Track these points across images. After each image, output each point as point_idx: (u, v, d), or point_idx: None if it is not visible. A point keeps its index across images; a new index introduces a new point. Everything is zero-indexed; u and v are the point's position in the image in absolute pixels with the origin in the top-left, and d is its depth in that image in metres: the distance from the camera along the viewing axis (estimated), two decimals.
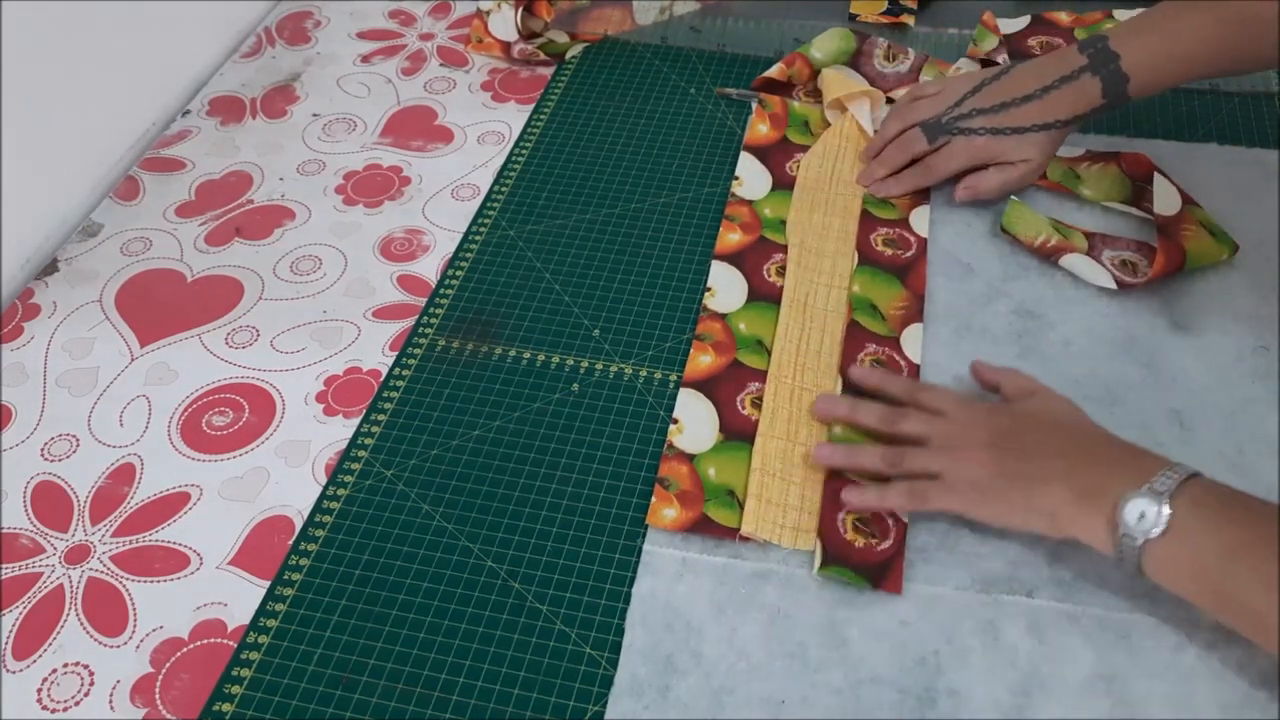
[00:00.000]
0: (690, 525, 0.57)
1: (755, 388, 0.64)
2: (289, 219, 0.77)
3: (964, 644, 0.52)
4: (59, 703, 0.52)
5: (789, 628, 0.53)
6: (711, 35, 0.91)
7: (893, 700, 0.50)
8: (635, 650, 0.53)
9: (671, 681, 0.51)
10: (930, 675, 0.51)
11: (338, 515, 0.59)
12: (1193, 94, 0.82)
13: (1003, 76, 0.72)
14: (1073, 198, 0.74)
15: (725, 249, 0.72)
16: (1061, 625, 0.53)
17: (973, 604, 0.53)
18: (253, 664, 0.53)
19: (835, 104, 0.81)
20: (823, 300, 0.68)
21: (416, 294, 0.71)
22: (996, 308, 0.67)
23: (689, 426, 0.62)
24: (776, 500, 0.58)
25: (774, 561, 0.56)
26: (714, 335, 0.66)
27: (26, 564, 0.58)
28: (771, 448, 0.60)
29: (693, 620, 0.53)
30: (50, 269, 0.74)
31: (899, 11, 0.92)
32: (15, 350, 0.69)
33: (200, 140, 0.85)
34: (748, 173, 0.77)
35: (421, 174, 0.80)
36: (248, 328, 0.70)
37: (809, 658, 0.52)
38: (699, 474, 0.59)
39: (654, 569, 0.56)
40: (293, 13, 0.98)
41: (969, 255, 0.71)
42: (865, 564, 0.55)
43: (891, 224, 0.72)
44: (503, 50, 0.89)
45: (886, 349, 0.65)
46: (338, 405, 0.65)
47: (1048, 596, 0.54)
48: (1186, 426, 0.60)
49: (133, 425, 0.64)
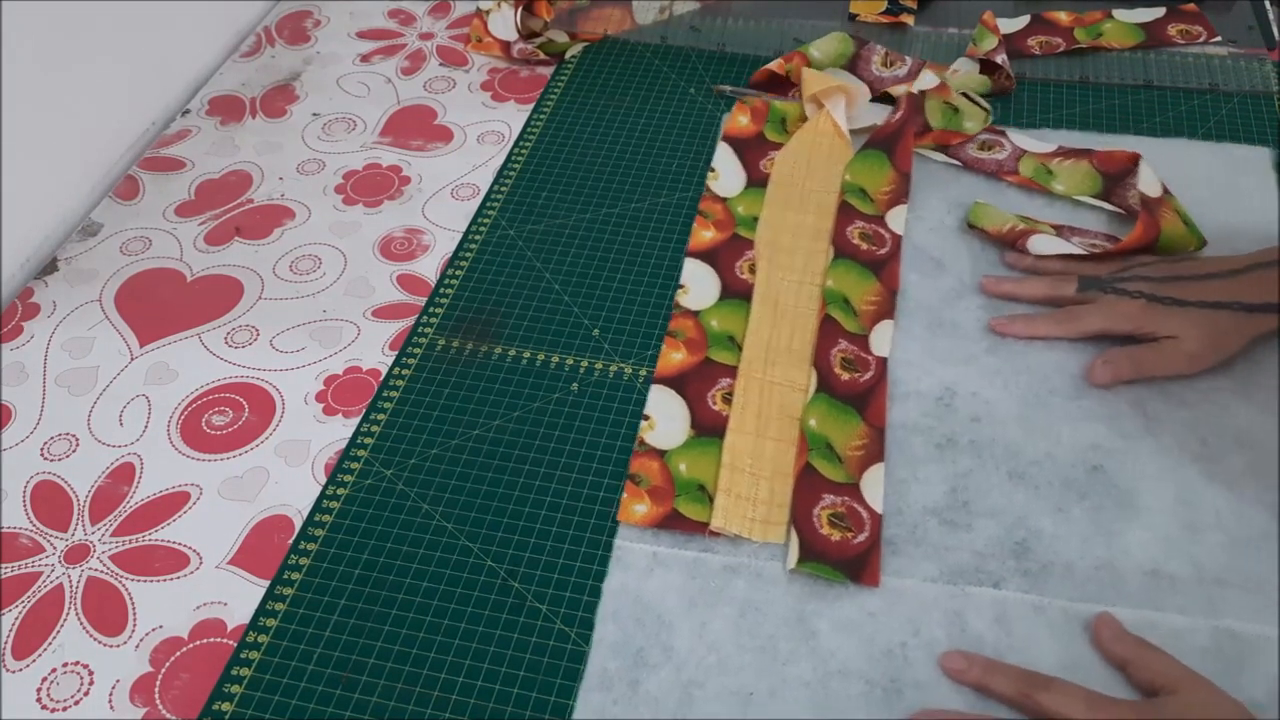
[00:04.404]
0: (661, 520, 0.58)
1: (726, 383, 0.64)
2: (289, 218, 0.77)
3: (931, 635, 0.52)
4: (59, 702, 0.52)
5: (759, 621, 0.53)
6: (711, 35, 0.91)
7: (860, 692, 0.51)
8: (605, 645, 0.53)
9: (641, 675, 0.52)
10: (898, 667, 0.51)
11: (337, 515, 0.59)
12: (1192, 94, 0.82)
13: (1194, 258, 0.64)
14: (1043, 193, 0.74)
15: (699, 246, 0.72)
16: (1028, 616, 0.53)
17: (940, 596, 0.54)
18: (252, 663, 0.53)
19: (812, 100, 0.81)
20: (793, 296, 0.68)
21: (416, 293, 0.71)
22: (967, 303, 0.68)
23: (660, 423, 0.62)
24: (746, 495, 0.58)
25: (744, 555, 0.56)
26: (686, 332, 0.67)
27: (26, 563, 0.58)
28: (741, 443, 0.60)
29: (663, 614, 0.54)
30: (50, 268, 0.74)
31: (899, 11, 0.92)
32: (15, 350, 0.69)
33: (200, 140, 0.85)
34: (723, 166, 0.78)
35: (421, 174, 0.80)
36: (247, 327, 0.70)
37: (778, 650, 0.52)
38: (670, 470, 0.60)
39: (625, 564, 0.56)
40: (292, 12, 0.98)
41: (940, 251, 0.71)
42: (842, 558, 0.55)
43: (869, 219, 0.72)
44: (502, 50, 0.89)
45: (855, 347, 0.65)
46: (337, 405, 0.65)
47: (1014, 588, 0.54)
48: (1151, 417, 0.61)
49: (132, 425, 0.64)
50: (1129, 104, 0.81)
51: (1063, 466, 0.59)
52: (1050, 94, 0.83)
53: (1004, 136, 0.78)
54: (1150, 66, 0.85)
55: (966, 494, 0.58)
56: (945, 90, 0.78)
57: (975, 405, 0.62)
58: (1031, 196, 0.74)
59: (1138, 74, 0.84)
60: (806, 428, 0.60)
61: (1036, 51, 0.86)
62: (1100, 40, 0.87)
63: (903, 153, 0.76)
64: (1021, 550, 0.55)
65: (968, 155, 0.77)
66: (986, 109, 0.78)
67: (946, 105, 0.78)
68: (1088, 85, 0.83)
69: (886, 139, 0.77)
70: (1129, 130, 0.79)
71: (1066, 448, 0.59)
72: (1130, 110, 0.81)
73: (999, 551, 0.55)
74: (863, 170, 0.75)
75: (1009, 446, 0.60)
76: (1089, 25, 0.88)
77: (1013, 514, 0.57)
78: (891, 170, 0.75)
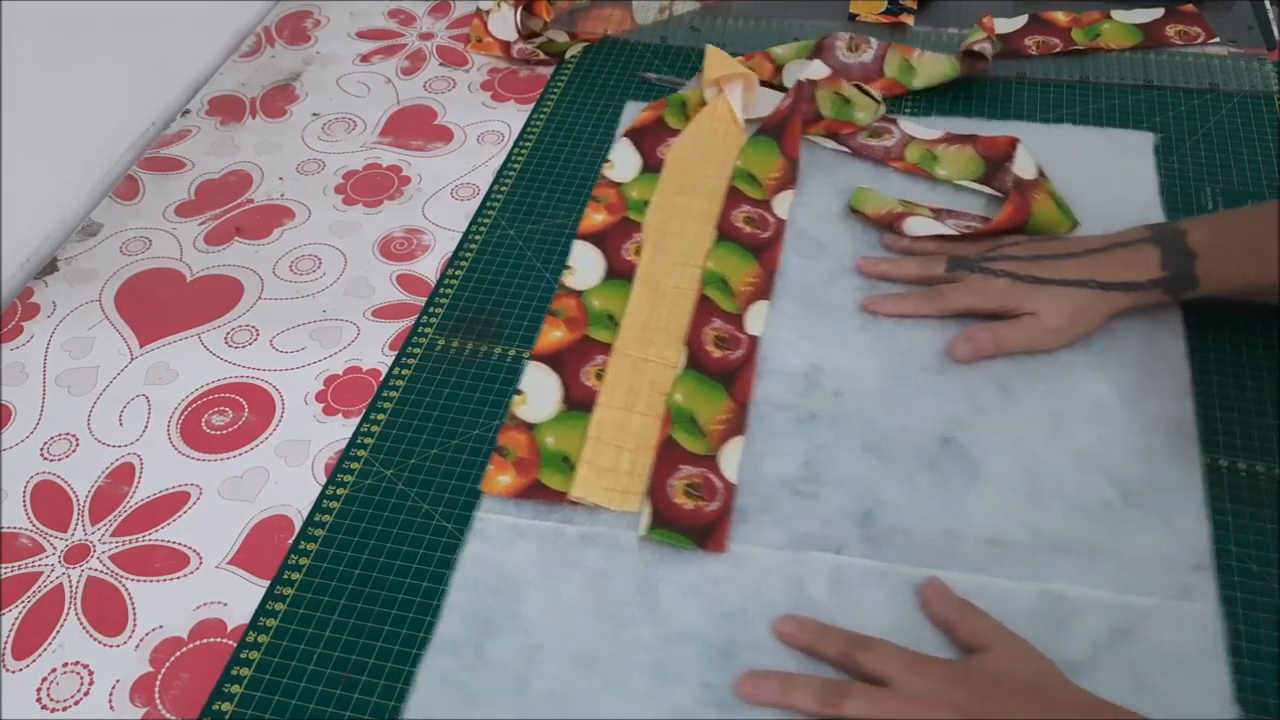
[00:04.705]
0: (523, 491, 0.59)
1: (601, 360, 0.65)
2: (288, 218, 0.77)
3: (770, 599, 0.54)
4: (59, 702, 0.52)
5: (608, 588, 0.55)
6: (711, 35, 0.91)
7: (696, 653, 0.52)
8: (457, 611, 0.54)
9: (488, 641, 0.53)
10: (735, 629, 0.53)
11: (337, 515, 0.59)
12: (1192, 94, 0.82)
13: (1058, 238, 0.67)
14: (927, 178, 0.76)
15: (589, 229, 0.73)
16: (866, 580, 0.54)
17: (784, 562, 0.55)
18: (253, 663, 0.53)
19: (713, 84, 0.81)
20: (676, 278, 0.69)
21: (416, 293, 0.71)
22: (842, 284, 0.69)
23: (532, 397, 0.63)
24: (608, 466, 0.59)
25: (602, 525, 0.57)
26: (567, 311, 0.68)
27: (26, 563, 0.58)
28: (608, 417, 0.62)
29: (516, 582, 0.55)
30: (50, 268, 0.74)
31: (899, 11, 0.92)
32: (15, 350, 0.69)
33: (200, 140, 0.85)
34: (620, 157, 0.79)
35: (421, 173, 0.80)
36: (247, 327, 0.70)
37: (623, 615, 0.54)
38: (537, 442, 0.61)
39: (484, 535, 0.57)
40: (292, 12, 0.98)
41: (823, 234, 0.72)
42: (693, 526, 0.56)
43: (756, 204, 0.74)
44: (502, 50, 0.89)
45: (730, 327, 0.66)
46: (337, 405, 0.65)
47: (855, 554, 0.55)
48: (1008, 392, 0.62)
49: (132, 425, 0.64)
50: (1129, 104, 0.81)
51: (916, 438, 0.60)
52: (1050, 94, 0.83)
53: (894, 124, 0.79)
54: (1150, 66, 0.85)
55: (820, 466, 0.59)
56: (836, 81, 0.80)
57: (839, 381, 0.63)
58: (915, 181, 0.76)
59: (1138, 74, 0.84)
60: (672, 402, 0.62)
61: (1033, 52, 0.86)
62: (1098, 41, 0.87)
63: (791, 139, 0.77)
64: (866, 519, 0.57)
65: (857, 143, 0.79)
66: (878, 100, 0.79)
67: (838, 96, 0.79)
68: (1088, 85, 0.83)
69: (776, 126, 0.78)
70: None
71: (922, 421, 0.61)
72: (1130, 110, 0.81)
73: (844, 520, 0.57)
74: (753, 156, 0.77)
75: (867, 420, 0.61)
76: (1087, 26, 0.88)
77: (862, 484, 0.58)
78: (781, 157, 0.77)
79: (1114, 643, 0.51)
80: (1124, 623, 0.52)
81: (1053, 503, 0.57)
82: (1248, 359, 0.64)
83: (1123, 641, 0.51)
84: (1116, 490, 0.57)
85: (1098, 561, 0.54)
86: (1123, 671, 0.50)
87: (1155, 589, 0.53)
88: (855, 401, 0.62)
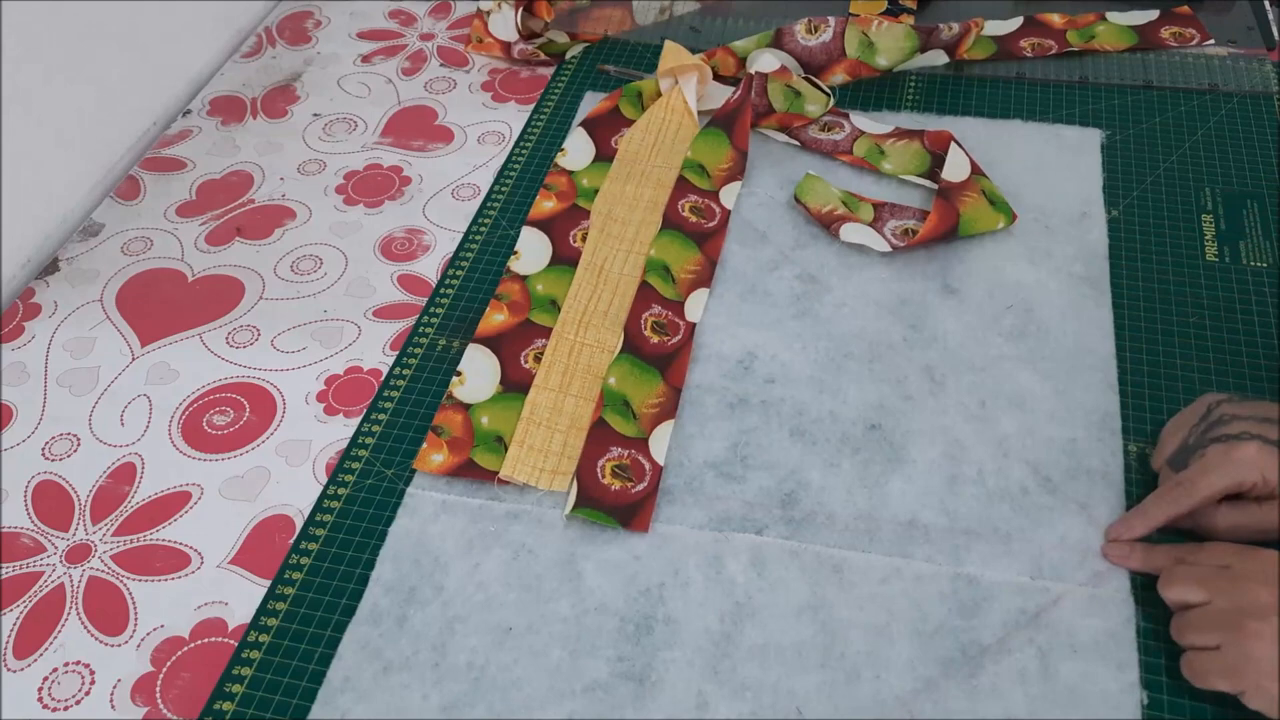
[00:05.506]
0: (455, 469, 0.60)
1: (540, 344, 0.66)
2: (289, 219, 0.77)
3: (688, 576, 0.55)
4: (60, 702, 0.52)
5: (530, 563, 0.56)
6: (711, 35, 0.91)
7: (613, 626, 0.53)
8: (381, 583, 0.55)
9: (410, 611, 0.54)
10: (652, 605, 0.54)
11: (338, 514, 0.59)
12: (1192, 94, 0.82)
13: None
14: (873, 172, 0.76)
15: (538, 215, 0.75)
16: (783, 560, 0.55)
17: (705, 541, 0.56)
18: (253, 663, 0.53)
19: (667, 74, 0.82)
20: (620, 265, 0.70)
21: (417, 294, 0.71)
22: (782, 273, 0.70)
23: (470, 379, 0.64)
24: (539, 446, 0.60)
25: (529, 503, 0.58)
26: (511, 295, 0.69)
27: (27, 563, 0.58)
28: (543, 399, 0.63)
29: (440, 556, 0.56)
30: (51, 268, 0.74)
31: (898, 11, 0.92)
32: (16, 350, 0.69)
33: (201, 140, 0.85)
34: (574, 145, 0.79)
35: (422, 174, 0.81)
36: (248, 327, 0.70)
37: (543, 589, 0.55)
38: (472, 422, 0.62)
39: (413, 510, 0.59)
40: (293, 13, 0.98)
41: (766, 224, 0.73)
42: (618, 506, 0.57)
43: (703, 194, 0.74)
44: (503, 50, 0.89)
45: (670, 313, 0.67)
46: (338, 405, 0.65)
47: (775, 534, 0.57)
48: (937, 381, 0.63)
49: (133, 424, 0.64)
50: (1129, 104, 0.81)
51: (843, 424, 0.61)
52: (1050, 94, 0.83)
53: (846, 119, 0.80)
54: (1150, 67, 0.85)
55: (747, 449, 0.60)
56: (786, 74, 0.80)
57: (773, 368, 0.64)
58: (861, 175, 0.77)
59: (1137, 74, 0.84)
60: (605, 386, 0.62)
61: (1028, 53, 0.86)
62: (1093, 43, 0.87)
63: (741, 132, 0.78)
64: (789, 500, 0.58)
65: (808, 136, 0.79)
66: (828, 93, 0.80)
67: (788, 89, 0.79)
68: (1087, 85, 0.83)
69: (727, 118, 0.79)
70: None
71: (851, 407, 0.62)
72: (1130, 110, 0.81)
73: (767, 501, 0.58)
74: (703, 148, 0.77)
75: (797, 406, 0.62)
76: (1082, 28, 0.88)
77: (787, 467, 0.59)
78: (730, 149, 0.78)
79: (1024, 626, 0.52)
80: (1034, 607, 0.53)
81: (972, 489, 0.58)
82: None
83: (1033, 625, 0.52)
84: (1036, 478, 0.58)
85: (1012, 546, 0.55)
86: (1032, 655, 0.51)
87: (1068, 575, 0.54)
88: (786, 387, 0.63)
